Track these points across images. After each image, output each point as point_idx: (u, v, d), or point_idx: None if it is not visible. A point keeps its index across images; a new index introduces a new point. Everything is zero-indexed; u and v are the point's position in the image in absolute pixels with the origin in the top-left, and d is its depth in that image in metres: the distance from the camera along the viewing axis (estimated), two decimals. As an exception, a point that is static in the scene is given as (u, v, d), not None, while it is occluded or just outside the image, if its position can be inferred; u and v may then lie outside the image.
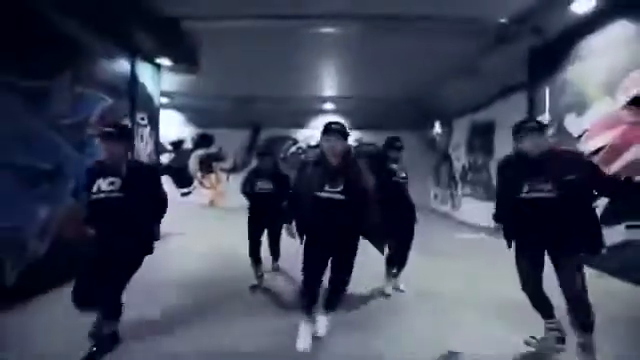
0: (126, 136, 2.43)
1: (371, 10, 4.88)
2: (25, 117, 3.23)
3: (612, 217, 3.92)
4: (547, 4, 4.45)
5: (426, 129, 10.38)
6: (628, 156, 3.78)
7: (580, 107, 4.51)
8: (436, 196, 10.19)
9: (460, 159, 8.40)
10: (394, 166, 3.29)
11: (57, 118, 3.58)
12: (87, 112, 4.03)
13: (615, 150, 3.95)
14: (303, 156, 10.64)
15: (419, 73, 7.57)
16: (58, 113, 3.59)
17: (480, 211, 6.78)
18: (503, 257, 2.46)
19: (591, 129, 4.32)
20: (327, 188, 2.29)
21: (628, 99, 3.77)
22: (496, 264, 3.62)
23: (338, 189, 2.29)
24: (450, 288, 3.52)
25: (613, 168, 3.93)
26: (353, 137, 10.91)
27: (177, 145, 10.85)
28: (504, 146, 6.31)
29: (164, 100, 7.95)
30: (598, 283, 3.65)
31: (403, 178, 3.35)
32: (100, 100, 4.25)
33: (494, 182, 3.92)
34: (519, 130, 2.18)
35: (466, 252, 5.29)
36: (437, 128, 9.90)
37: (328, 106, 10.43)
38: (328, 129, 2.38)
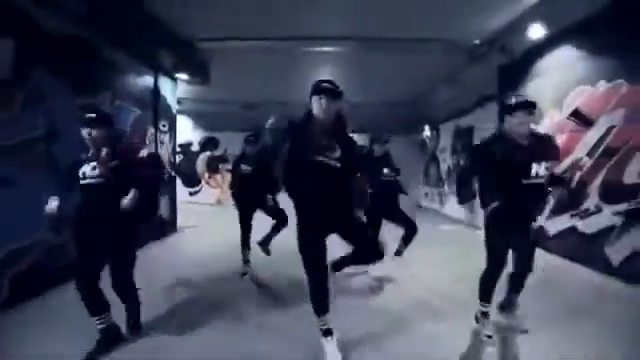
0: (107, 122, 2.44)
1: (362, 33, 5.68)
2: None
3: (559, 208, 4.73)
4: (509, 30, 5.27)
5: (416, 133, 11.17)
6: (571, 158, 4.58)
7: (537, 117, 5.29)
8: (426, 194, 10.98)
9: (446, 160, 9.20)
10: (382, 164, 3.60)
11: (101, 128, 4.38)
12: (121, 122, 4.84)
13: (562, 153, 4.74)
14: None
15: (408, 83, 8.42)
16: (102, 124, 4.39)
17: (461, 206, 7.58)
18: (468, 243, 3.21)
19: (545, 135, 5.12)
20: (323, 153, 2.05)
21: (569, 112, 4.57)
22: (461, 248, 4.42)
23: (335, 155, 2.07)
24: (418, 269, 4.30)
25: (562, 167, 4.74)
26: (349, 140, 11.74)
27: (186, 147, 11.63)
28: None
29: (176, 107, 8.74)
30: (545, 260, 4.49)
31: (392, 173, 3.68)
32: (132, 111, 5.06)
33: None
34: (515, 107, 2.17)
35: (442, 240, 6.07)
36: (426, 132, 10.69)
37: (326, 111, 11.20)
38: (318, 88, 2.16)
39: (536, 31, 4.89)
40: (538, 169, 2.16)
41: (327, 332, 2.14)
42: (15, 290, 3.08)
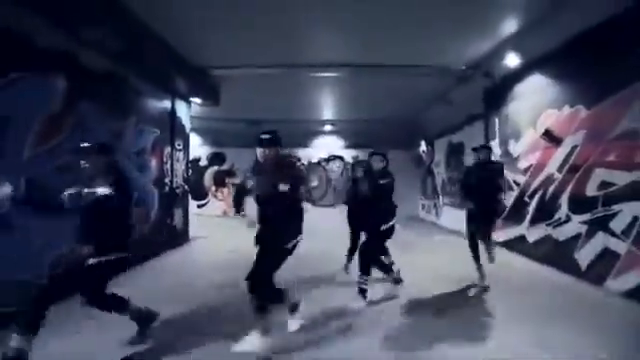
0: (104, 151, 2.67)
1: (360, 60, 6.30)
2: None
3: (536, 217, 5.22)
4: (490, 57, 5.87)
5: (413, 148, 11.76)
6: (544, 172, 5.10)
7: (517, 135, 5.87)
8: (423, 206, 11.48)
9: (441, 174, 9.73)
10: (377, 173, 3.85)
11: (127, 148, 4.99)
12: (144, 143, 5.46)
13: (537, 168, 5.28)
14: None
15: (404, 102, 9.05)
16: (127, 144, 5.01)
17: (456, 217, 8.04)
18: (457, 252, 3.71)
19: (523, 152, 5.67)
20: (262, 186, 2.67)
21: (541, 132, 5.13)
22: (446, 256, 4.92)
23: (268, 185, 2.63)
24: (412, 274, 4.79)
25: (537, 181, 5.26)
26: (349, 154, 12.36)
27: (194, 163, 12.26)
28: (470, 162, 7.68)
29: (187, 126, 9.40)
30: (527, 267, 4.98)
31: (386, 182, 3.81)
32: (152, 133, 5.68)
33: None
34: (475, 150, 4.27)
35: (436, 248, 6.55)
36: (422, 147, 11.27)
37: (327, 128, 11.87)
38: (257, 140, 2.71)
39: (512, 59, 5.50)
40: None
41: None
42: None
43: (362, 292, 3.57)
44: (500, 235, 6.22)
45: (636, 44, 3.62)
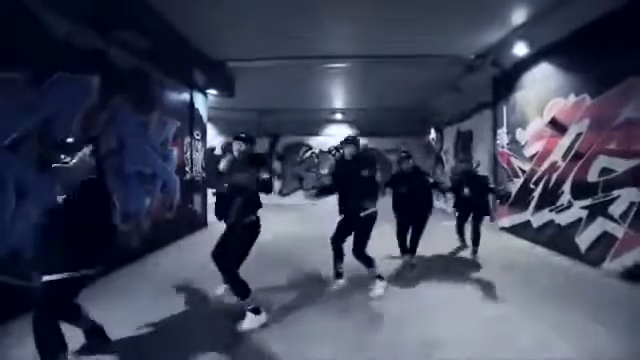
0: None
1: (370, 52, 6.47)
2: (138, 139, 5.00)
3: (541, 203, 5.43)
4: (498, 47, 5.97)
5: (423, 135, 11.88)
6: (550, 160, 5.27)
7: (524, 123, 6.01)
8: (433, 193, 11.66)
9: (449, 161, 9.89)
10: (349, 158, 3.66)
11: (152, 139, 5.36)
12: (167, 134, 5.82)
13: (542, 155, 5.45)
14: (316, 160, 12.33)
15: (414, 91, 9.17)
16: (153, 136, 5.37)
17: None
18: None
19: (530, 140, 5.82)
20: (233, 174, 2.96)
21: (548, 120, 5.27)
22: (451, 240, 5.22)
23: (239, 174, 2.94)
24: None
25: (542, 168, 5.44)
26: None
27: (209, 152, 12.67)
28: (478, 150, 7.84)
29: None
30: (532, 250, 5.23)
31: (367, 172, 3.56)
32: (174, 125, 6.03)
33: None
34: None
35: (440, 233, 6.81)
36: (432, 134, 11.38)
37: (338, 116, 12.07)
38: (235, 137, 3.15)
39: (520, 49, 5.60)
40: None
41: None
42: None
43: (338, 275, 3.67)
44: (506, 221, 6.45)
45: (637, 38, 3.73)
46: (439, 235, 6.14)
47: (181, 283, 3.86)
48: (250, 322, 2.82)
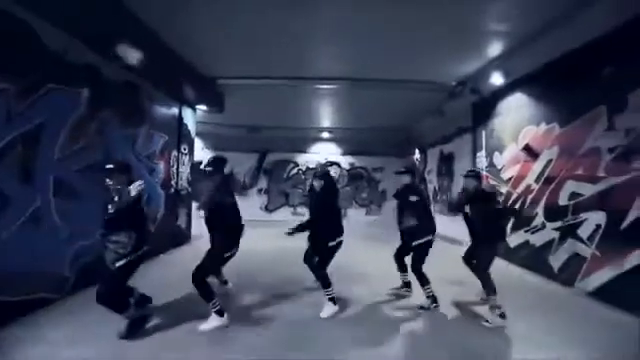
0: (125, 170, 3.12)
1: (356, 75, 6.76)
2: (125, 152, 5.01)
3: (517, 224, 5.66)
4: (477, 75, 6.36)
5: (408, 155, 12.22)
6: (524, 183, 5.55)
7: (501, 148, 6.33)
8: (416, 213, 11.88)
9: (432, 182, 10.17)
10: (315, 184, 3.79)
11: (139, 152, 5.37)
12: (154, 147, 5.84)
13: (518, 179, 5.73)
14: (303, 177, 12.46)
15: (398, 113, 9.52)
16: (140, 149, 5.39)
17: (444, 224, 8.46)
18: (447, 255, 4.07)
19: (506, 164, 6.13)
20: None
21: (522, 146, 5.59)
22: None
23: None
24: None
25: (518, 190, 5.71)
26: (346, 161, 12.81)
27: (196, 166, 12.60)
28: (460, 172, 8.13)
29: (191, 130, 9.79)
30: (506, 269, 5.38)
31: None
32: (161, 138, 6.06)
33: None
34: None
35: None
36: (416, 154, 11.73)
37: (325, 135, 12.31)
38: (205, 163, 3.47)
39: (497, 78, 5.98)
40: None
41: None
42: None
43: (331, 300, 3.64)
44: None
45: (600, 70, 4.10)
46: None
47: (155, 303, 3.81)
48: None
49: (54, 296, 3.65)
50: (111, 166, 3.04)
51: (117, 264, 2.89)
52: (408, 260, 3.94)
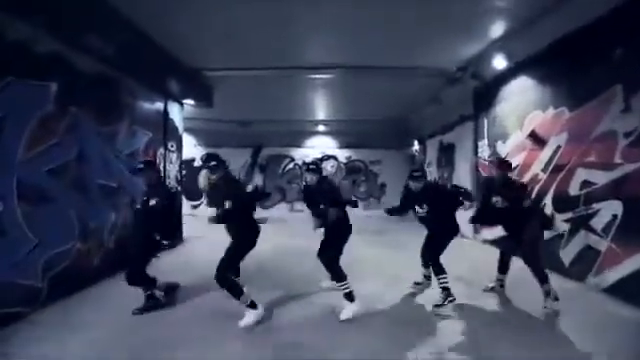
0: (152, 167, 3.74)
1: (352, 62, 6.37)
2: (103, 150, 4.67)
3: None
4: (478, 59, 5.99)
5: (406, 148, 11.88)
6: (530, 172, 5.23)
7: (504, 136, 6.00)
8: (416, 206, 11.59)
9: (432, 173, 9.85)
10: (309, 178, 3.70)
11: (120, 151, 5.03)
12: (138, 145, 5.50)
13: (523, 168, 5.41)
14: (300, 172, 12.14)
15: (397, 103, 9.16)
16: (120, 147, 5.05)
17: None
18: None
19: (510, 153, 5.79)
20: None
21: (527, 133, 5.26)
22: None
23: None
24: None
25: (524, 179, 5.37)
26: (343, 154, 12.46)
27: (188, 163, 12.26)
28: (461, 163, 7.81)
29: (181, 126, 9.42)
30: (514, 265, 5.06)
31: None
32: (145, 135, 5.71)
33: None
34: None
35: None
36: (415, 146, 11.39)
37: (321, 128, 11.95)
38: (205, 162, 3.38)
39: (500, 62, 5.62)
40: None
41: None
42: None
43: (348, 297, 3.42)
44: (489, 233, 6.36)
45: (613, 48, 3.75)
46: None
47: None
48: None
49: (25, 310, 3.34)
50: (141, 165, 3.63)
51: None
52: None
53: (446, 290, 3.47)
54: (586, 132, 4.14)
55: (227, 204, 3.14)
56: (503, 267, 3.94)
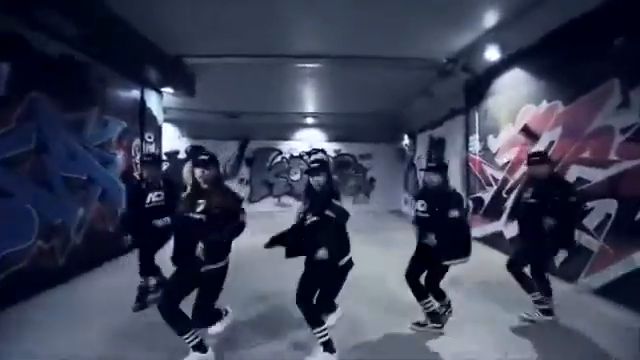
0: (158, 161, 3.47)
1: (339, 52, 6.09)
2: (68, 140, 4.31)
3: (514, 214, 5.20)
4: (469, 51, 5.78)
5: (396, 142, 11.70)
6: (522, 168, 5.07)
7: (495, 130, 5.83)
8: (406, 201, 11.46)
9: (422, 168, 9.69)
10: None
11: (89, 141, 4.67)
12: (110, 135, 5.13)
13: (515, 164, 5.26)
14: (287, 165, 11.85)
15: (386, 95, 8.91)
16: (90, 137, 4.69)
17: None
18: None
19: (501, 148, 5.63)
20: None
21: (520, 127, 5.08)
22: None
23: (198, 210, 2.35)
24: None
25: (515, 176, 5.24)
26: (332, 148, 12.20)
27: (172, 156, 11.83)
28: (452, 158, 7.65)
29: (163, 117, 9.00)
30: (501, 261, 4.93)
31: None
32: (119, 125, 5.35)
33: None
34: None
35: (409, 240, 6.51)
36: (405, 141, 11.21)
37: (309, 121, 11.64)
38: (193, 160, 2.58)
39: (492, 53, 5.41)
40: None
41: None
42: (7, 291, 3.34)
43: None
44: (478, 231, 6.22)
45: (611, 40, 3.56)
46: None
47: (104, 311, 3.23)
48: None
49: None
50: (147, 158, 3.59)
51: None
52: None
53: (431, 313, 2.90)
54: (581, 127, 3.97)
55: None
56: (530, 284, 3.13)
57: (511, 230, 5.27)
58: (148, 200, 3.32)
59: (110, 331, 2.89)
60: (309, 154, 12.04)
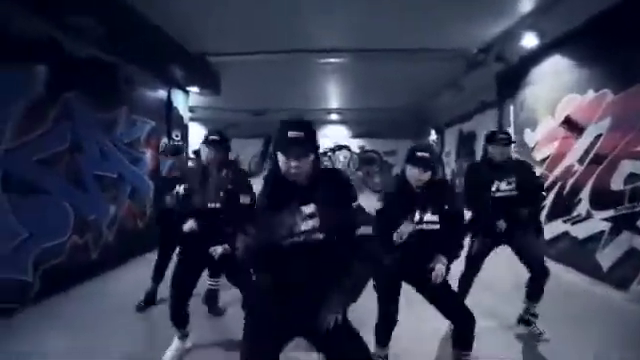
0: (225, 143, 2.53)
1: (365, 45, 5.91)
2: (100, 140, 4.45)
3: (553, 213, 4.85)
4: (503, 39, 5.41)
5: (423, 137, 11.32)
6: (563, 164, 4.70)
7: (533, 123, 5.44)
8: (433, 198, 11.09)
9: (450, 164, 9.32)
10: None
11: (119, 140, 4.81)
12: (138, 134, 5.26)
13: (555, 159, 4.88)
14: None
15: (413, 89, 8.61)
16: (120, 136, 4.82)
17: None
18: None
19: (540, 142, 5.25)
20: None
21: (561, 119, 4.70)
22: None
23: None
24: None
25: (555, 173, 4.87)
26: (356, 144, 12.02)
27: (198, 154, 12.10)
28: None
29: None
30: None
31: None
32: (146, 124, 5.47)
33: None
34: (492, 139, 2.71)
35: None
36: (432, 136, 10.82)
37: (333, 117, 11.51)
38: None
39: (529, 40, 5.03)
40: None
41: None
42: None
43: None
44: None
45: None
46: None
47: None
48: None
49: (13, 306, 3.18)
50: (215, 137, 2.55)
51: None
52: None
53: None
54: (635, 118, 3.59)
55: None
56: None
57: (549, 230, 4.89)
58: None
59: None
60: (333, 150, 11.92)
